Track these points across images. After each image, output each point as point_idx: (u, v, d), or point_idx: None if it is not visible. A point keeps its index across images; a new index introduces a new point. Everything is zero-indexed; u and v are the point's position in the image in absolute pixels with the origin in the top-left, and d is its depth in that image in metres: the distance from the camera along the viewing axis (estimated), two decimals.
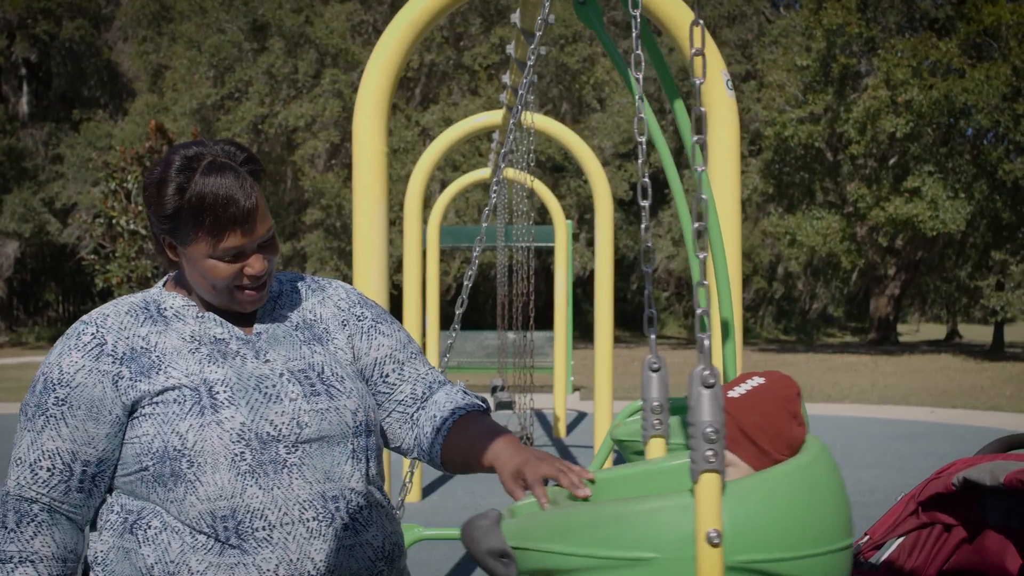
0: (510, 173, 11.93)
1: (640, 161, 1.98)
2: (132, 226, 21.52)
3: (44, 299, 44.68)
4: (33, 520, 1.94)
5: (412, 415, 2.23)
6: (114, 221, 21.59)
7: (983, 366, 26.32)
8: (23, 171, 37.17)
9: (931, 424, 13.96)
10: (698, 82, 1.75)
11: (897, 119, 27.55)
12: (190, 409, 1.91)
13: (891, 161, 31.02)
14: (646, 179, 1.90)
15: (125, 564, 1.94)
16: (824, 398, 17.65)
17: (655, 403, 1.84)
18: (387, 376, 2.20)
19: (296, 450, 1.95)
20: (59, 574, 1.95)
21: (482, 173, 11.66)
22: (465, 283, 3.46)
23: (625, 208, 36.47)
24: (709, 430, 1.43)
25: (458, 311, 3.54)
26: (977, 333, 52.59)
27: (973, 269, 32.98)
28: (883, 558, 2.81)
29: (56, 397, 1.93)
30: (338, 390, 2.04)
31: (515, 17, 5.37)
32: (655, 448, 1.98)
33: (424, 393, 2.23)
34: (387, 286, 4.54)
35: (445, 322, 39.65)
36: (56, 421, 1.93)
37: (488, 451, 2.03)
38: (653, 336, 1.90)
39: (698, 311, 1.58)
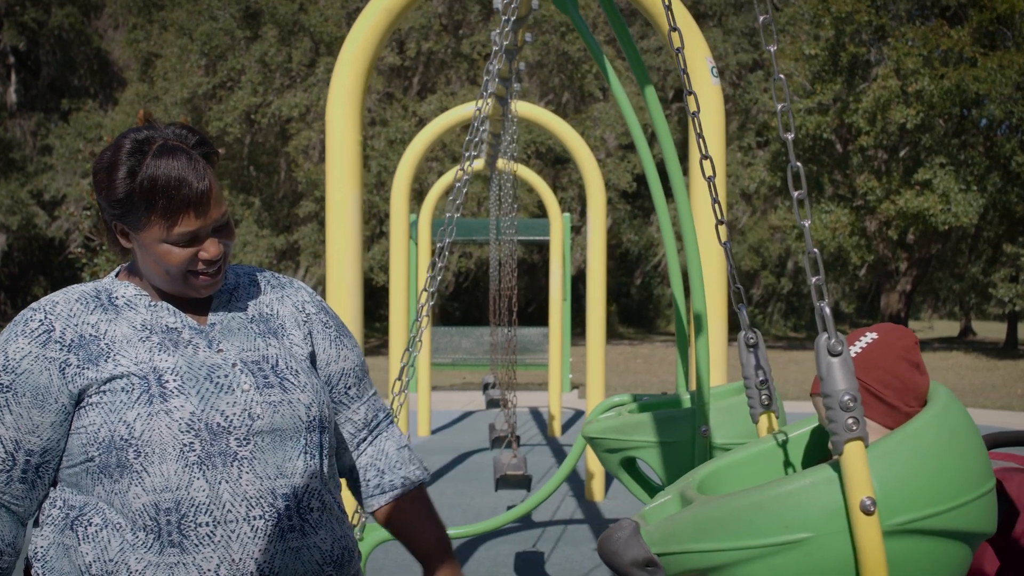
0: (500, 164, 11.91)
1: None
2: None
3: (32, 294, 44.72)
4: None
5: (358, 441, 2.30)
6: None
7: (996, 364, 26.29)
8: (11, 162, 37.17)
9: None
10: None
11: (908, 110, 27.49)
12: (138, 398, 1.91)
13: (902, 153, 30.98)
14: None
15: (64, 561, 1.93)
16: None
17: (758, 379, 1.92)
18: (349, 389, 2.25)
19: (248, 443, 1.95)
20: None
21: (477, 164, 11.64)
22: (428, 275, 3.45)
23: (629, 200, 36.45)
24: (847, 398, 1.46)
25: (425, 305, 3.52)
26: (991, 330, 52.54)
27: (986, 264, 32.93)
28: None
29: (1, 384, 1.92)
30: (292, 383, 2.04)
31: (497, 2, 5.34)
32: (764, 424, 2.05)
33: (372, 421, 2.31)
34: (361, 281, 4.52)
35: (444, 318, 39.67)
36: (0, 410, 1.92)
37: (420, 547, 2.26)
38: (743, 312, 1.98)
39: (813, 280, 1.64)
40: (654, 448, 3.06)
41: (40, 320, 1.97)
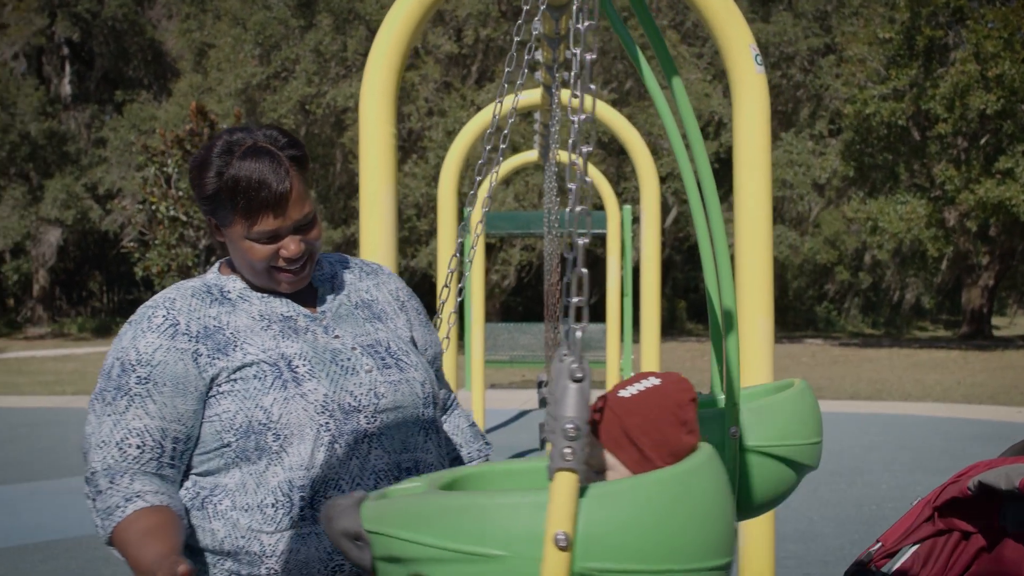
0: (561, 155, 11.91)
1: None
2: (172, 212, 21.81)
3: (87, 289, 45.46)
4: (127, 473, 2.03)
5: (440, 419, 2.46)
6: (154, 207, 21.89)
7: None
8: (65, 155, 37.83)
9: (1017, 425, 13.71)
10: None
11: (988, 95, 27.05)
12: (272, 383, 2.06)
13: (982, 140, 30.45)
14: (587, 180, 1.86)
15: (193, 539, 2.08)
16: (903, 396, 17.42)
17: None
18: (438, 372, 2.46)
19: (375, 420, 2.13)
20: (169, 504, 2.02)
21: (531, 155, 11.66)
22: (449, 271, 3.48)
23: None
24: (569, 426, 1.43)
25: (446, 300, 3.54)
26: None
27: None
28: (896, 567, 2.78)
29: (138, 376, 2.05)
30: (406, 363, 2.23)
31: None
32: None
33: (448, 400, 2.53)
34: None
35: (505, 313, 39.71)
36: (142, 399, 2.05)
37: None
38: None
39: (572, 300, 1.56)
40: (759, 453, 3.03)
41: (163, 316, 2.11)
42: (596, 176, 11.65)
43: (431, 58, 32.18)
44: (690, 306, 45.61)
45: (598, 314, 26.04)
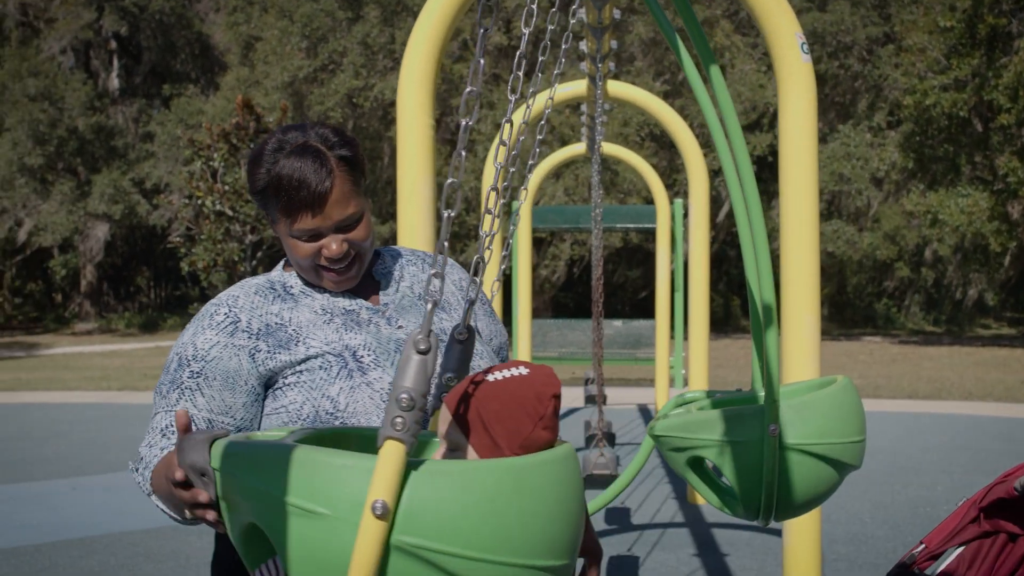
0: (608, 148, 11.87)
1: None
2: (218, 207, 21.99)
3: (135, 284, 45.98)
4: (167, 447, 2.09)
5: None
6: (200, 202, 22.07)
7: None
8: (112, 150, 38.29)
9: None
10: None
11: None
12: (337, 373, 2.13)
13: None
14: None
15: None
16: (964, 395, 17.20)
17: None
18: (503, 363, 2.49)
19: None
20: None
21: (579, 147, 11.63)
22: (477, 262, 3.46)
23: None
24: (403, 396, 1.48)
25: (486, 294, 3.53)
26: None
27: None
28: (940, 569, 2.75)
29: (191, 371, 2.13)
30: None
31: None
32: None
33: None
34: None
35: (556, 309, 39.66)
36: (191, 392, 2.12)
37: None
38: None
39: (430, 273, 1.62)
40: (721, 447, 3.01)
41: (225, 313, 2.18)
42: (645, 169, 11.60)
43: (445, 51, 32.21)
44: (744, 302, 45.37)
45: (648, 310, 25.80)
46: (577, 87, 8.16)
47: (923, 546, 2.80)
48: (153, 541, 7.19)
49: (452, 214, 1.70)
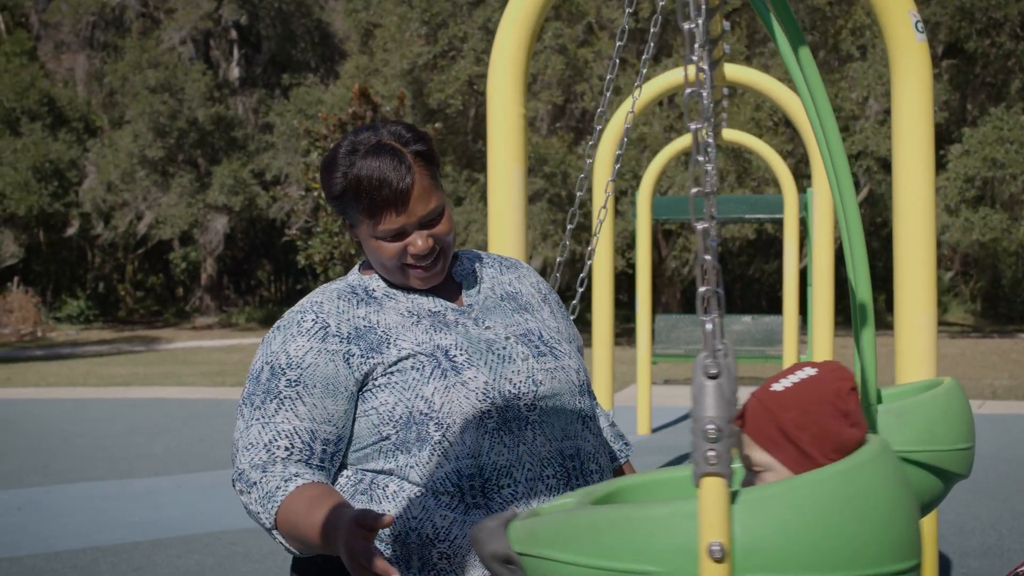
0: (734, 135, 11.73)
1: None
2: None
3: (255, 278, 46.95)
4: (278, 462, 2.15)
5: None
6: (317, 194, 22.44)
7: None
8: (232, 141, 39.10)
9: None
10: None
11: None
12: (431, 373, 2.17)
13: None
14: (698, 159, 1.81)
15: None
16: None
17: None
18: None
19: (535, 408, 2.22)
20: (328, 483, 2.15)
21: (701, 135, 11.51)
22: (558, 259, 3.45)
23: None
24: (710, 427, 1.39)
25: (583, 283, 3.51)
26: None
27: None
28: None
29: (288, 379, 2.17)
30: (560, 351, 2.34)
31: None
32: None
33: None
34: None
35: (685, 303, 39.31)
36: (292, 402, 2.16)
37: None
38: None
39: (701, 289, 1.50)
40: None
41: (313, 319, 2.23)
42: (771, 156, 11.44)
43: (605, 33, 32.11)
44: (889, 298, 44.38)
45: (777, 306, 25.34)
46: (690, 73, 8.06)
47: None
48: (252, 541, 7.32)
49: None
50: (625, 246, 28.09)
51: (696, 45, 1.68)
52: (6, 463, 10.79)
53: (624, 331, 25.55)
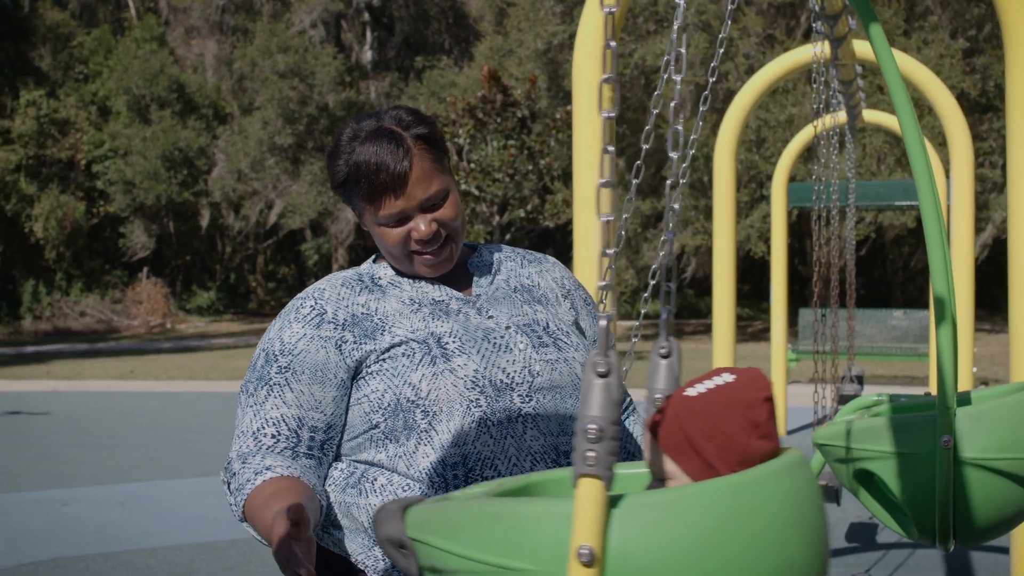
0: (878, 117, 11.48)
1: None
2: (464, 186, 22.47)
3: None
4: (258, 453, 2.22)
5: None
6: None
7: None
8: None
9: None
10: None
11: None
12: (420, 359, 2.21)
13: None
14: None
15: (346, 519, 2.23)
16: None
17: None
18: None
19: (530, 400, 2.23)
20: (300, 477, 2.19)
21: (839, 116, 11.30)
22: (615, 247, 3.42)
23: None
24: (591, 427, 1.39)
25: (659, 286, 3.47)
26: None
27: None
28: None
29: (279, 366, 2.25)
30: (565, 343, 2.34)
31: None
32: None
33: (625, 402, 2.55)
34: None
35: (843, 297, 38.47)
36: (280, 388, 2.24)
37: None
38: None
39: (599, 284, 1.53)
40: (889, 460, 2.87)
41: (311, 306, 2.30)
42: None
43: (752, 9, 31.72)
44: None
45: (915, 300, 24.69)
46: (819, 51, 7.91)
47: None
48: None
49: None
50: (757, 236, 27.97)
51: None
52: (114, 458, 11.16)
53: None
